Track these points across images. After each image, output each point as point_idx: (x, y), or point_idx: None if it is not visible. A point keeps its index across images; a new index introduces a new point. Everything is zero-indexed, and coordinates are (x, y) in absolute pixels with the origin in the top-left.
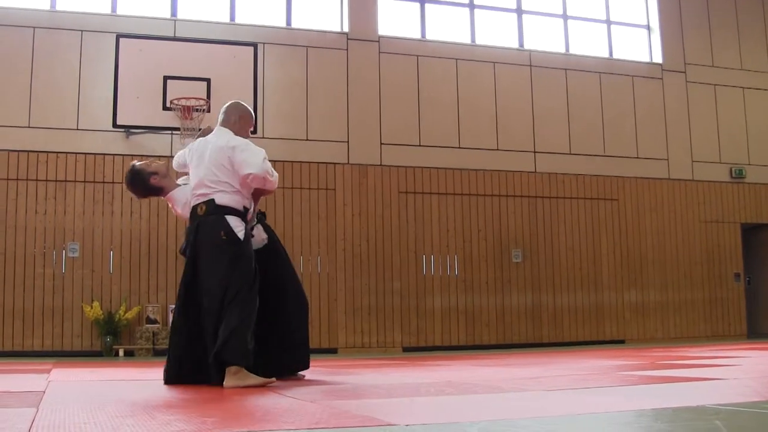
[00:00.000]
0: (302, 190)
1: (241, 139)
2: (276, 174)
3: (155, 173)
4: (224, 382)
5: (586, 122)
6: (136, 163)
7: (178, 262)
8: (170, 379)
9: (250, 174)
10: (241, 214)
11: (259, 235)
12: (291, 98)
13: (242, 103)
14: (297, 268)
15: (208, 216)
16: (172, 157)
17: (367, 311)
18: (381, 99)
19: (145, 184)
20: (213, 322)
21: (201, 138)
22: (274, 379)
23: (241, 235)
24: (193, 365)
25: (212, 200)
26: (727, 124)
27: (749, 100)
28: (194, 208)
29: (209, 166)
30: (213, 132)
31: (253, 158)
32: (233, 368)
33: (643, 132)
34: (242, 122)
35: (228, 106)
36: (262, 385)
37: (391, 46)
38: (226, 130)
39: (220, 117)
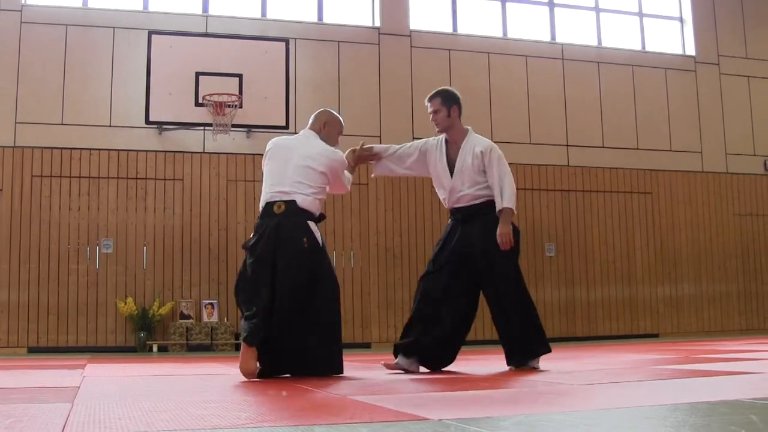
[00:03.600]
0: None
1: (340, 155)
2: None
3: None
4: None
5: (618, 115)
6: None
7: (211, 257)
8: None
9: (342, 192)
10: (317, 220)
11: None
12: (323, 93)
13: (333, 111)
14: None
15: (289, 217)
16: (204, 153)
17: (401, 306)
18: (413, 93)
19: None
20: (287, 326)
21: (286, 137)
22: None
23: (321, 241)
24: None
25: (294, 201)
26: (761, 116)
27: None
28: (269, 205)
29: (298, 166)
30: (300, 133)
31: (348, 183)
32: None
33: (676, 125)
34: (329, 128)
35: (318, 112)
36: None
37: (423, 41)
38: (314, 133)
39: (310, 121)
